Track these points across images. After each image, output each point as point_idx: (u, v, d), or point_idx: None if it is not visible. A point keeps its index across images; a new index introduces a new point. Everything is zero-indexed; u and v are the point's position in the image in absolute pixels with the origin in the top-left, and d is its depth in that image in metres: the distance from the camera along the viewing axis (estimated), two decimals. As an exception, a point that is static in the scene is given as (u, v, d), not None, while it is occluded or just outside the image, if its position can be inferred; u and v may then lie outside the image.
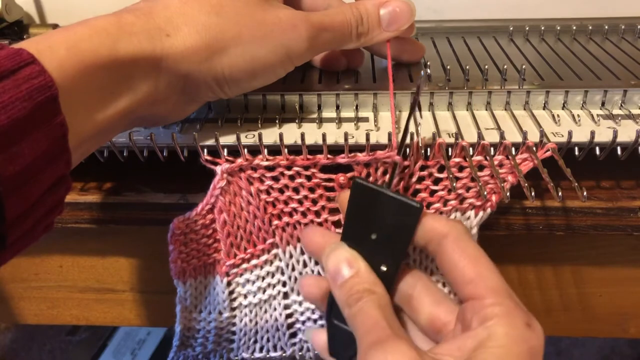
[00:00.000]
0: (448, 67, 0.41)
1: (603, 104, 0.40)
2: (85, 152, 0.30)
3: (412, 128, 0.34)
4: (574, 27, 0.52)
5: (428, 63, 0.44)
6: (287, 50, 0.34)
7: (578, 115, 0.38)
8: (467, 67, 0.41)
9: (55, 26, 0.53)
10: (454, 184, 0.34)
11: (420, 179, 0.36)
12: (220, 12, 0.32)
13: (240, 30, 0.32)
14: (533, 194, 0.33)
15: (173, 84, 0.32)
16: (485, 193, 0.33)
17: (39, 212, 0.26)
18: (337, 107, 0.40)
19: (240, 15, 0.32)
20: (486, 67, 0.41)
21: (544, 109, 0.40)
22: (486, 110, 0.40)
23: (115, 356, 1.05)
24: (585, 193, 0.33)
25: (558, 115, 0.38)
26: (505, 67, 0.41)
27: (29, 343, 1.15)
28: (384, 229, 0.31)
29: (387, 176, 0.35)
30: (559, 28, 0.52)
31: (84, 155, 0.30)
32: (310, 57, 0.36)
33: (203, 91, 0.34)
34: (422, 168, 0.35)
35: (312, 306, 0.39)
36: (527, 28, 0.52)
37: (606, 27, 0.52)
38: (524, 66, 0.40)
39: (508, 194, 0.34)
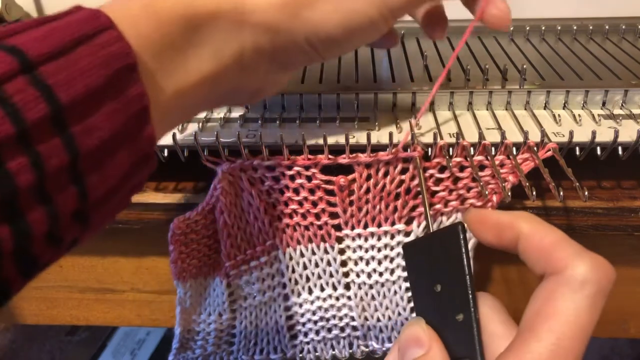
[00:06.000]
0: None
1: (604, 103, 0.40)
2: (171, 125, 0.28)
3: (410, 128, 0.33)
4: (575, 27, 0.52)
5: (427, 64, 0.44)
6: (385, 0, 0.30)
7: (579, 115, 0.38)
8: (468, 66, 0.41)
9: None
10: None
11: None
12: None
13: None
14: (534, 193, 0.33)
15: (261, 47, 0.29)
16: (487, 192, 0.33)
17: (122, 192, 0.25)
18: (338, 106, 0.40)
19: None
20: (487, 66, 0.41)
21: (544, 109, 0.40)
22: (487, 110, 0.40)
23: (114, 356, 1.05)
24: (586, 193, 0.33)
25: (559, 115, 0.38)
26: (505, 67, 0.41)
27: (28, 343, 1.14)
28: (442, 271, 0.29)
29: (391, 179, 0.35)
30: (559, 28, 0.52)
31: (169, 129, 0.29)
32: (410, 7, 0.32)
33: (295, 54, 0.31)
34: (423, 169, 0.35)
35: (313, 308, 0.39)
36: (527, 28, 0.52)
37: (607, 27, 0.52)
38: (524, 66, 0.40)
39: (509, 193, 0.34)
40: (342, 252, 0.38)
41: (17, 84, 0.20)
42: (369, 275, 0.38)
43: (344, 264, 0.38)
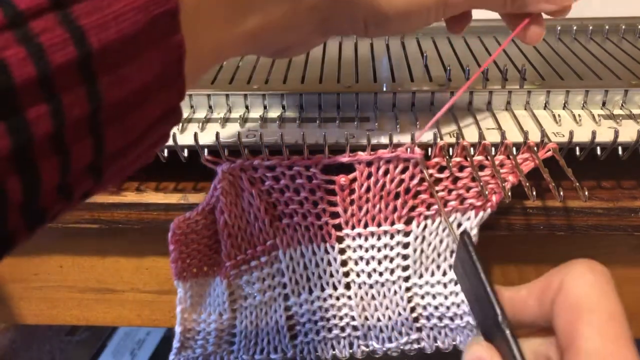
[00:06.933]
0: (449, 66, 0.41)
1: (604, 103, 0.40)
2: (198, 77, 0.27)
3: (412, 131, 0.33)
4: (575, 27, 0.52)
5: (427, 64, 0.44)
6: None
7: (579, 115, 0.38)
8: (468, 66, 0.41)
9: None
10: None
11: (421, 180, 0.36)
12: None
13: None
14: (534, 193, 0.33)
15: (315, 11, 0.28)
16: (487, 192, 0.33)
17: (143, 146, 0.23)
18: (338, 106, 0.40)
19: None
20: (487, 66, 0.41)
21: (544, 109, 0.40)
22: (487, 110, 0.40)
23: (114, 356, 1.05)
24: (586, 193, 0.33)
25: (559, 115, 0.38)
26: (506, 67, 0.41)
27: (28, 343, 1.14)
28: (472, 284, 0.28)
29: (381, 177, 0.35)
30: (559, 28, 0.52)
31: (195, 82, 0.26)
32: (464, 8, 0.33)
33: (344, 25, 0.30)
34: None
35: (314, 308, 0.39)
36: (527, 28, 0.52)
37: (606, 27, 0.52)
38: (524, 66, 0.40)
39: (509, 193, 0.34)
40: (342, 251, 0.38)
41: (46, 22, 0.17)
42: (369, 275, 0.38)
43: (344, 263, 0.38)
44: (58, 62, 0.17)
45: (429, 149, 0.35)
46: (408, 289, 0.38)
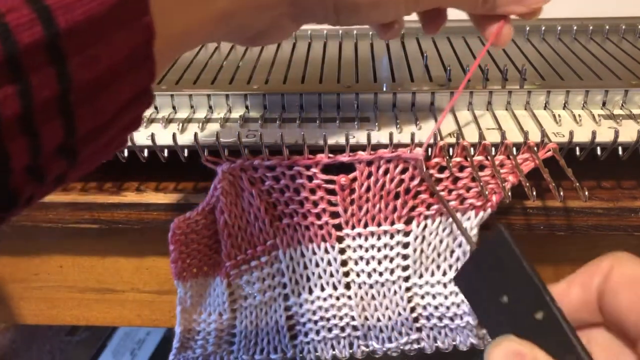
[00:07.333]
0: (449, 66, 0.41)
1: (604, 104, 0.40)
2: (170, 60, 0.27)
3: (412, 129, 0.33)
4: (575, 27, 0.52)
5: (427, 64, 0.44)
6: None
7: (579, 115, 0.38)
8: (468, 66, 0.41)
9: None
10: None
11: (422, 180, 0.36)
12: None
13: None
14: (534, 193, 0.33)
15: None
16: (487, 193, 0.33)
17: (115, 128, 0.23)
18: (338, 106, 0.40)
19: None
20: (487, 67, 0.41)
21: (544, 109, 0.40)
22: (487, 110, 0.40)
23: (114, 356, 1.05)
24: (586, 193, 0.33)
25: (559, 115, 0.38)
26: (506, 67, 0.41)
27: (28, 343, 1.14)
28: (503, 281, 0.27)
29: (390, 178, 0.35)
30: (559, 28, 0.52)
31: (167, 65, 0.27)
32: (435, 4, 0.33)
33: (314, 10, 0.31)
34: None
35: (314, 308, 0.39)
36: (527, 28, 0.52)
37: (607, 27, 0.52)
38: (524, 66, 0.40)
39: (509, 193, 0.34)
40: (342, 251, 0.38)
41: (12, 1, 0.17)
42: (369, 275, 0.38)
43: (344, 263, 0.38)
44: (25, 42, 0.17)
45: (429, 149, 0.35)
46: (408, 289, 0.38)
